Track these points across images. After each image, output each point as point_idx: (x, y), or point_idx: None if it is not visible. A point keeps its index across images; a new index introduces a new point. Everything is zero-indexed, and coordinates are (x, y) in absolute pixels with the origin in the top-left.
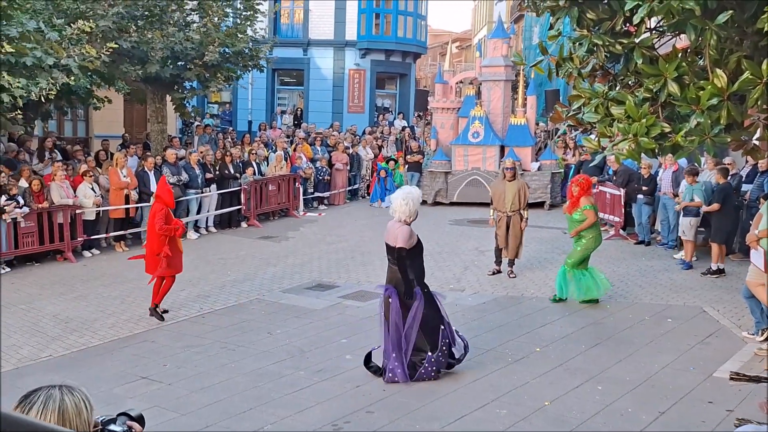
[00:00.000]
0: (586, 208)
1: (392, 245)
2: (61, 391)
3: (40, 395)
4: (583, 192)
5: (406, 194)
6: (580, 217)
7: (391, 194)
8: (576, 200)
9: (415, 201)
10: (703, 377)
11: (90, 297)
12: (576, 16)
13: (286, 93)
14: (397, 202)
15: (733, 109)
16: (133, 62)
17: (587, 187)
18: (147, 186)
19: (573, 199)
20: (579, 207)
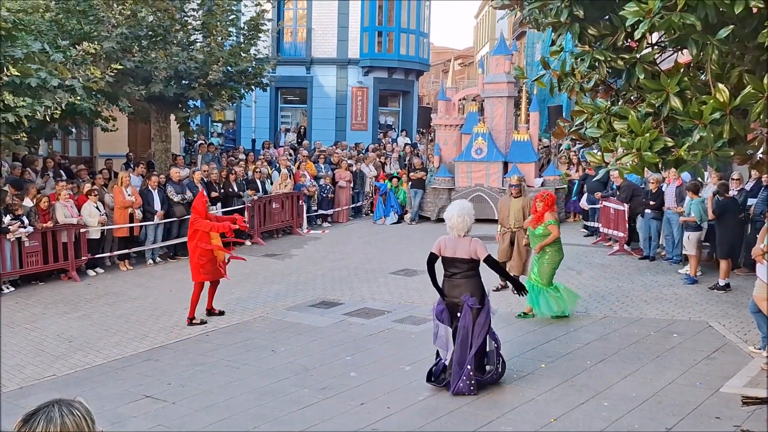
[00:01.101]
0: (550, 223)
1: (464, 257)
2: (61, 411)
3: (39, 420)
4: (548, 207)
5: (461, 209)
6: (544, 232)
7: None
8: (540, 215)
9: (471, 215)
10: (709, 393)
11: (94, 316)
12: (578, 32)
13: (289, 111)
14: (455, 219)
15: (736, 124)
16: (137, 82)
17: (551, 203)
18: (151, 205)
19: (537, 214)
20: (543, 222)
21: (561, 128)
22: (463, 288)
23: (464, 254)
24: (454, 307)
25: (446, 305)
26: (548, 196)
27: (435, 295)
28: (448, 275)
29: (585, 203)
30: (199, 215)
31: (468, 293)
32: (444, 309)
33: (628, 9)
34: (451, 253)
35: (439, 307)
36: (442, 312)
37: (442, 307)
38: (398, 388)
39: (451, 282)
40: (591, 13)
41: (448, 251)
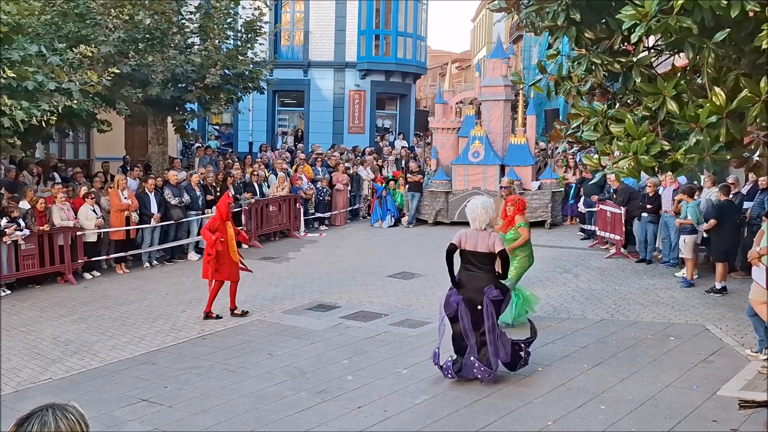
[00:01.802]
0: (520, 225)
1: (484, 251)
2: (55, 415)
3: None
4: (518, 211)
5: (485, 203)
6: (515, 236)
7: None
8: (511, 219)
9: (493, 209)
10: (706, 396)
11: (90, 319)
12: (574, 36)
13: (286, 114)
14: (477, 211)
15: (733, 127)
16: (134, 85)
17: (522, 207)
18: (148, 208)
19: (508, 218)
20: (514, 225)
21: (558, 131)
22: (482, 281)
23: (484, 248)
24: (471, 299)
25: (463, 298)
26: (519, 200)
27: (432, 297)
28: (466, 268)
29: (583, 207)
30: (220, 215)
31: (491, 285)
32: (461, 301)
33: (624, 12)
34: (472, 246)
35: (455, 298)
36: (459, 303)
37: (459, 298)
38: (395, 391)
39: (470, 274)
40: (588, 17)
41: (469, 245)
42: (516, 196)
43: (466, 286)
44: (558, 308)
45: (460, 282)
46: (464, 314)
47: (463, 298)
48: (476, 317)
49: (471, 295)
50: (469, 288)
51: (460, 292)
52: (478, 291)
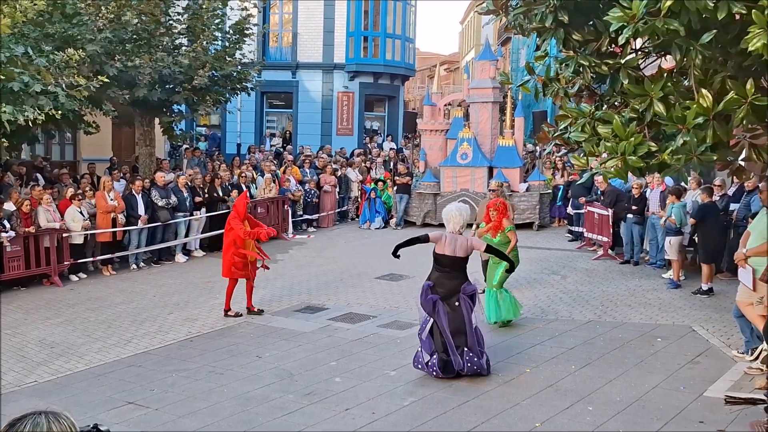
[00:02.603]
0: (509, 230)
1: (462, 256)
2: (48, 418)
3: (26, 423)
4: (503, 215)
5: (459, 208)
6: (503, 239)
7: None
8: (498, 224)
9: (468, 214)
10: (693, 397)
11: (76, 321)
12: (562, 37)
13: (274, 116)
14: (453, 214)
15: (719, 129)
16: (121, 86)
17: (505, 209)
18: (135, 209)
19: (495, 223)
20: (502, 229)
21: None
22: (457, 282)
23: (462, 253)
24: (448, 297)
25: (440, 297)
26: (501, 204)
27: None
28: (442, 271)
29: (570, 208)
30: (237, 215)
31: (467, 282)
32: (438, 299)
33: (612, 14)
34: (450, 251)
35: (432, 296)
36: (436, 302)
37: (436, 297)
38: (383, 393)
39: (445, 276)
40: (575, 19)
41: (448, 250)
42: (497, 200)
43: (441, 287)
44: (546, 310)
45: (436, 283)
46: (442, 312)
47: (439, 297)
48: (454, 314)
49: (447, 294)
50: (445, 288)
51: (436, 291)
52: (453, 291)
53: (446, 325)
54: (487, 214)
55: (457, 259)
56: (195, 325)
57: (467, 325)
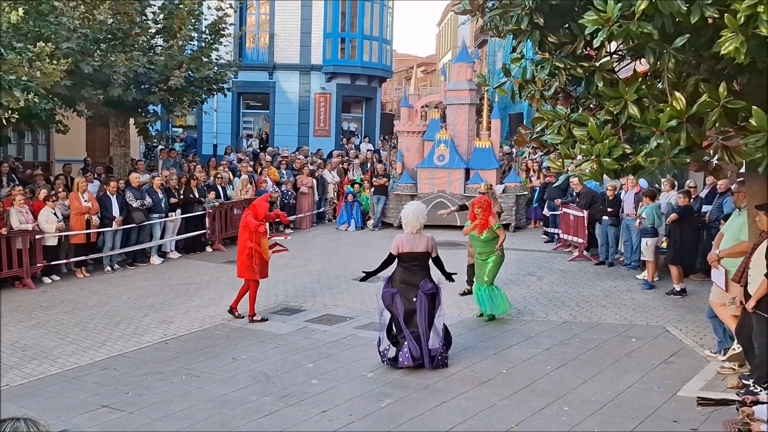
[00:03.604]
0: (497, 227)
1: (422, 251)
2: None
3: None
4: (488, 212)
5: (416, 209)
6: (490, 236)
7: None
8: (485, 221)
9: (424, 215)
10: (667, 396)
11: (49, 324)
12: (538, 40)
13: (251, 117)
14: (410, 217)
15: (692, 131)
16: (95, 86)
17: (489, 206)
18: (109, 211)
19: (482, 221)
20: (489, 227)
21: (522, 135)
22: (417, 277)
23: (422, 248)
24: (407, 293)
25: (398, 291)
26: (485, 201)
27: None
28: (404, 267)
29: (546, 210)
30: (256, 217)
31: (425, 279)
32: (396, 293)
33: (587, 17)
34: (410, 248)
35: (390, 291)
36: (394, 296)
37: (395, 291)
38: (360, 395)
39: (407, 272)
40: (551, 21)
41: (407, 247)
42: (481, 197)
43: (403, 282)
44: (522, 310)
45: (397, 278)
46: (399, 306)
47: (398, 291)
48: (411, 309)
49: (407, 289)
50: (406, 283)
51: (396, 286)
52: (413, 286)
53: (401, 316)
54: (472, 212)
55: (417, 254)
56: (170, 327)
57: (419, 320)
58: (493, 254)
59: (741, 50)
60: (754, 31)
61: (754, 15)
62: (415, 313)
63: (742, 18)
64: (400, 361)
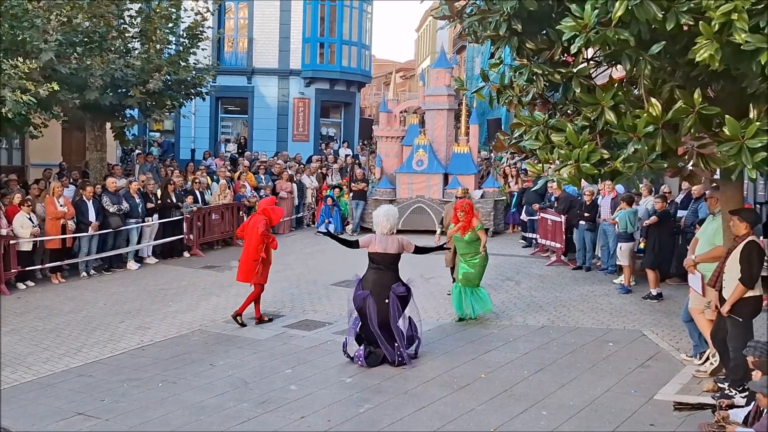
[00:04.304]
0: (479, 228)
1: (393, 253)
2: None
3: None
4: (471, 215)
5: (387, 212)
6: (473, 237)
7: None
8: (468, 223)
9: (395, 217)
10: (644, 400)
11: (23, 331)
12: (516, 46)
13: (230, 121)
14: (380, 219)
15: (668, 137)
16: (72, 90)
17: (471, 209)
18: (85, 216)
19: (464, 223)
20: (471, 228)
21: (501, 141)
22: (389, 279)
23: (394, 250)
24: (379, 295)
25: (371, 293)
26: (467, 204)
27: None
28: (375, 268)
29: (524, 215)
30: (270, 222)
31: (398, 282)
32: (369, 295)
33: (564, 24)
34: (382, 249)
35: (362, 293)
36: (366, 298)
37: (366, 293)
38: (339, 400)
39: (378, 274)
40: (529, 27)
41: (379, 247)
42: (463, 200)
43: (374, 284)
44: (500, 315)
45: (369, 279)
46: (371, 308)
47: (370, 293)
48: (383, 310)
49: (379, 291)
50: (377, 285)
51: (368, 288)
52: (385, 287)
53: (375, 319)
54: (455, 216)
55: (388, 256)
56: (147, 333)
57: (392, 321)
58: (476, 256)
59: (715, 57)
60: (729, 38)
61: (729, 23)
62: (386, 314)
63: (717, 25)
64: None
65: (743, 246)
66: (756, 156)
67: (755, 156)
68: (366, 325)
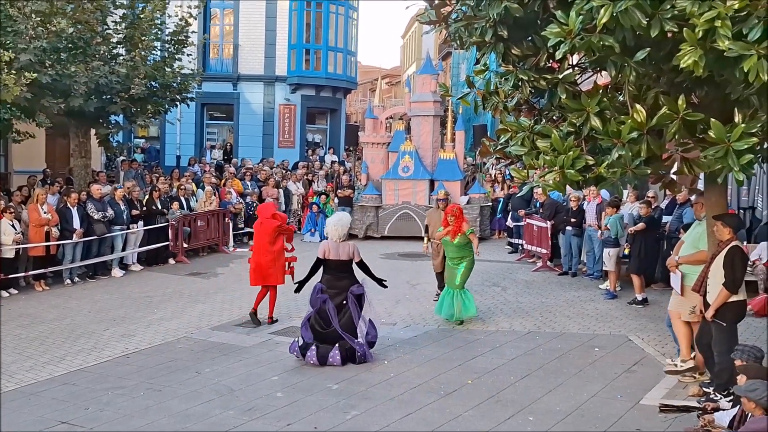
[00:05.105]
0: (470, 232)
1: (345, 259)
2: None
3: None
4: (461, 219)
5: (338, 221)
6: (463, 241)
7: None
8: (458, 227)
9: (346, 225)
10: (630, 405)
11: (6, 339)
12: (502, 52)
13: (215, 128)
14: (331, 227)
15: (653, 143)
16: (56, 96)
17: (461, 213)
18: (69, 222)
19: (454, 227)
20: (462, 232)
21: (486, 147)
22: (345, 282)
23: (345, 256)
24: (337, 297)
25: (329, 297)
26: (457, 209)
27: None
28: (331, 274)
29: (510, 221)
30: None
31: (355, 285)
32: (328, 299)
33: (550, 30)
34: (335, 256)
35: (321, 296)
36: (326, 301)
37: (326, 297)
38: (325, 407)
39: (334, 278)
40: (514, 34)
41: (332, 255)
42: (453, 205)
43: (331, 288)
44: (486, 321)
45: (326, 284)
46: (331, 311)
47: (329, 296)
48: (343, 311)
49: (336, 294)
50: (335, 288)
51: (327, 292)
52: (342, 290)
53: (336, 321)
54: (445, 220)
55: (341, 262)
56: (132, 341)
57: (354, 320)
58: (465, 259)
59: (699, 64)
60: (712, 45)
61: (712, 29)
62: (345, 314)
63: (701, 32)
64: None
65: (727, 251)
66: (742, 159)
67: (741, 159)
68: (320, 326)
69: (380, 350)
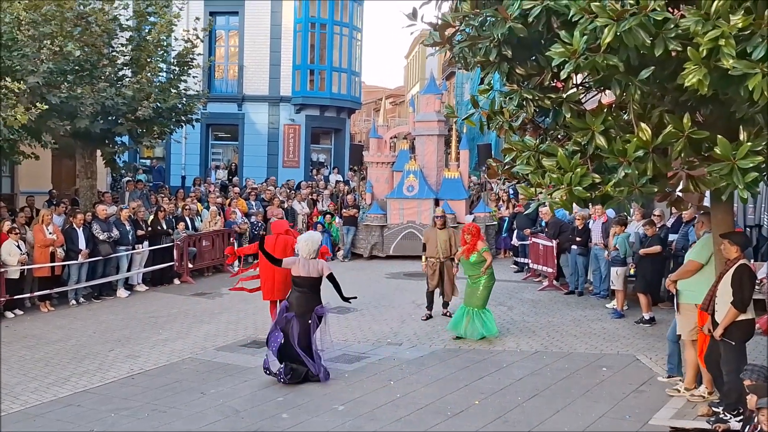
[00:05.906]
0: (484, 250)
1: (314, 276)
2: None
3: None
4: (477, 237)
5: (307, 239)
6: (478, 259)
7: None
8: (473, 245)
9: (315, 243)
10: (639, 425)
11: (11, 360)
12: (506, 72)
13: (220, 148)
14: (300, 245)
15: (658, 161)
16: (62, 117)
17: (478, 232)
18: (75, 243)
19: (469, 245)
20: (477, 250)
21: (494, 168)
22: (312, 301)
23: (315, 273)
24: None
25: (295, 315)
26: (473, 227)
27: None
28: (299, 291)
29: (516, 240)
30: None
31: (320, 305)
32: (293, 317)
33: (554, 50)
34: (305, 273)
35: (288, 315)
36: (292, 319)
37: (291, 315)
38: (331, 428)
39: (301, 296)
40: (519, 53)
41: (302, 271)
42: (471, 224)
43: (298, 306)
44: (493, 340)
45: (294, 303)
46: (295, 328)
47: (295, 314)
48: (305, 330)
49: (302, 312)
50: (301, 307)
51: (293, 310)
52: (308, 309)
53: (296, 339)
54: (462, 238)
55: (310, 279)
56: (137, 362)
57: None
58: (483, 277)
59: (704, 82)
60: (716, 63)
61: (716, 48)
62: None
63: (705, 51)
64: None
65: (734, 270)
66: (747, 176)
67: (746, 176)
68: (288, 344)
69: (386, 371)
